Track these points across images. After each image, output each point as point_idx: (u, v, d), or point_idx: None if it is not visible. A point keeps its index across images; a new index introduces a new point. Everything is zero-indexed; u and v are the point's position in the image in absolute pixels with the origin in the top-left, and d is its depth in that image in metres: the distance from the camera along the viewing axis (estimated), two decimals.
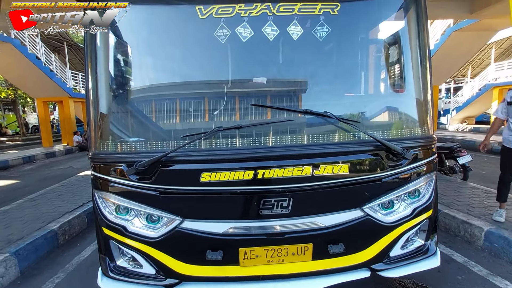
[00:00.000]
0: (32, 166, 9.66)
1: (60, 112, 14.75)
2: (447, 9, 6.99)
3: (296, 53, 1.79)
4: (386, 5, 1.87)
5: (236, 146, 1.63)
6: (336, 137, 1.67)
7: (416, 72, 1.82)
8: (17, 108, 20.11)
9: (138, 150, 1.65)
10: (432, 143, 1.80)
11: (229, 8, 1.62)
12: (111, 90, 1.73)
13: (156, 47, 1.84)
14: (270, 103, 1.83)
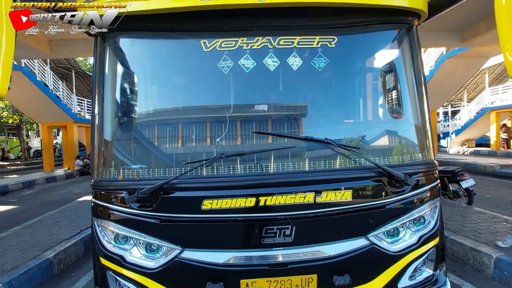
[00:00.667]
0: (32, 191, 9.58)
1: (64, 136, 14.93)
2: (439, 38, 7.32)
3: (296, 82, 1.87)
4: (381, 37, 1.98)
5: (238, 173, 1.64)
6: (338, 163, 1.68)
7: (413, 98, 1.87)
8: (21, 132, 20.36)
9: (140, 177, 1.66)
10: (433, 169, 1.81)
11: (232, 42, 1.72)
12: (117, 117, 1.78)
13: (162, 77, 1.93)
14: (271, 129, 1.87)
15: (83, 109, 16.40)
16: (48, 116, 13.05)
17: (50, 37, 7.05)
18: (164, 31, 1.74)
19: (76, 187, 10.12)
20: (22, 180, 10.52)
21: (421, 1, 1.75)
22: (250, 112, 1.88)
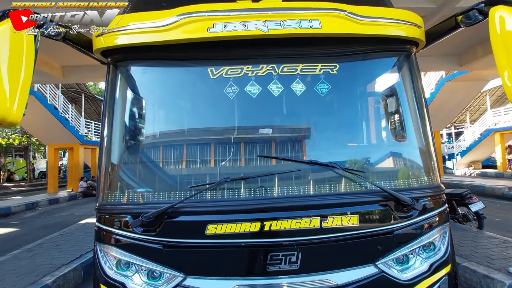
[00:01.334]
0: (34, 213, 9.52)
1: (70, 158, 15.10)
2: (438, 62, 7.51)
3: (299, 107, 1.92)
4: (381, 64, 2.05)
5: (243, 196, 1.63)
6: (343, 187, 1.68)
7: (416, 122, 1.90)
8: (28, 154, 20.64)
9: (145, 201, 1.66)
10: (440, 192, 1.79)
11: (238, 69, 1.79)
12: (125, 141, 1.82)
13: (169, 103, 2.00)
14: (275, 152, 1.89)
15: (90, 131, 16.72)
16: (56, 138, 13.32)
17: (63, 63, 7.39)
18: (173, 60, 1.83)
19: (78, 209, 10.05)
20: (25, 202, 10.51)
21: (418, 31, 1.83)
22: (255, 136, 1.91)
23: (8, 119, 1.33)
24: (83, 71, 7.59)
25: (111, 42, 1.69)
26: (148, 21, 1.66)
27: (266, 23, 1.64)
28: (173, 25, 1.63)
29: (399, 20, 1.78)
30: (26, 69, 1.37)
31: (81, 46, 1.76)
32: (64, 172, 21.53)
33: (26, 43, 1.37)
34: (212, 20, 1.63)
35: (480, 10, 1.65)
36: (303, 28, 1.64)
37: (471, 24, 1.73)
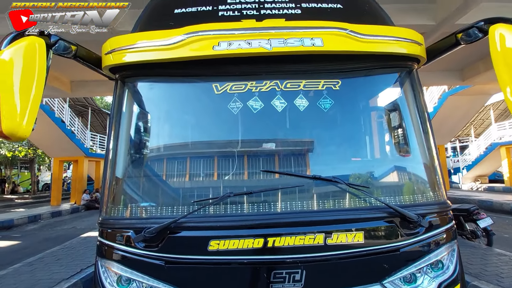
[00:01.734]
0: (36, 226, 9.49)
1: (74, 171, 15.19)
2: (440, 77, 7.57)
3: (303, 122, 1.93)
4: (383, 80, 2.07)
5: (246, 212, 1.62)
6: (347, 203, 1.66)
7: (419, 137, 1.89)
8: (34, 166, 20.81)
9: (148, 216, 1.66)
10: (447, 209, 1.76)
11: (242, 85, 1.83)
12: (130, 156, 1.84)
13: (174, 118, 2.03)
14: (278, 167, 1.89)
15: (95, 143, 16.91)
16: (62, 151, 13.48)
17: (72, 78, 7.59)
18: (179, 76, 1.88)
19: (81, 222, 10.00)
20: (28, 214, 10.50)
21: (419, 48, 1.87)
22: (259, 151, 1.92)
23: (17, 134, 1.36)
24: (91, 85, 7.79)
25: (120, 59, 1.74)
26: (156, 40, 1.72)
27: (270, 41, 1.69)
28: (180, 43, 1.68)
29: (399, 38, 1.82)
30: (37, 85, 1.41)
31: (90, 63, 1.81)
32: (68, 185, 21.60)
33: (39, 61, 1.42)
34: (218, 39, 1.68)
35: (479, 28, 1.68)
36: (305, 46, 1.68)
37: (471, 42, 1.75)
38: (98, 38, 4.67)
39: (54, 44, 1.56)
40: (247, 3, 2.09)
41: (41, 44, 1.43)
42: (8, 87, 1.34)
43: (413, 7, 4.77)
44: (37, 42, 1.43)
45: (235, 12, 2.03)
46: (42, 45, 1.44)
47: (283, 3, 2.10)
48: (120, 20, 4.75)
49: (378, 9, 2.29)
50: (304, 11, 2.05)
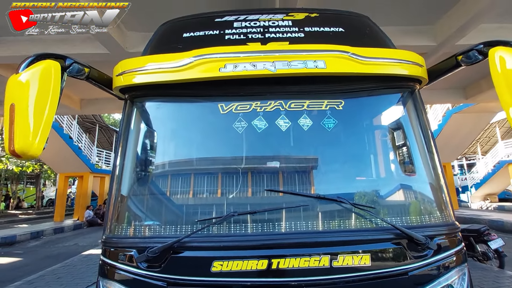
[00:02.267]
0: (38, 242, 9.42)
1: (79, 186, 15.25)
2: (443, 95, 7.61)
3: (307, 141, 1.95)
4: (386, 100, 2.10)
5: (250, 231, 1.61)
6: (353, 223, 1.64)
7: (424, 156, 1.89)
8: (39, 181, 20.97)
9: (152, 235, 1.65)
10: (455, 230, 1.72)
11: (247, 105, 1.87)
12: (136, 175, 1.86)
13: (181, 137, 2.07)
14: (283, 186, 1.89)
15: (101, 159, 17.07)
16: (68, 167, 13.62)
17: (82, 96, 7.82)
18: (186, 96, 1.93)
19: (82, 239, 9.91)
20: (31, 231, 10.46)
21: (420, 69, 1.91)
22: (263, 169, 1.93)
23: (29, 153, 1.40)
24: (100, 103, 8.01)
25: (130, 80, 1.81)
26: (165, 62, 1.80)
27: (274, 63, 1.75)
28: (188, 66, 1.75)
29: (401, 60, 1.86)
30: (50, 106, 1.47)
31: (101, 84, 1.88)
32: (72, 200, 21.61)
33: (54, 83, 1.48)
34: (224, 61, 1.75)
35: (479, 51, 1.72)
36: (309, 68, 1.73)
37: (472, 64, 1.79)
38: (110, 59, 4.88)
39: (68, 67, 1.63)
40: (252, 27, 2.19)
41: (56, 67, 1.51)
42: (23, 108, 1.39)
43: (413, 29, 4.90)
44: (53, 65, 1.50)
45: (241, 35, 2.12)
46: (57, 68, 1.51)
47: (287, 27, 2.19)
48: (132, 42, 4.95)
49: (378, 32, 2.36)
50: (307, 35, 2.13)
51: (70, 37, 4.78)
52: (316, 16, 2.35)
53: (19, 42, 4.85)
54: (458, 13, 4.39)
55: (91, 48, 4.74)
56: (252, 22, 2.24)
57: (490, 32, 4.86)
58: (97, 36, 4.25)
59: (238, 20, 2.27)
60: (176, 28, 2.34)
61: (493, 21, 4.75)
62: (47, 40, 4.81)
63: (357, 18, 2.51)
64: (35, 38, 4.83)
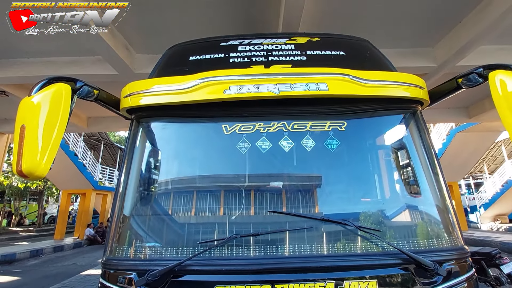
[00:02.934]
0: (37, 261, 9.26)
1: (81, 203, 15.19)
2: (446, 114, 7.62)
3: (310, 162, 1.95)
4: (388, 121, 2.11)
5: (252, 255, 1.57)
6: (359, 247, 1.60)
7: (429, 178, 1.86)
8: (42, 198, 20.94)
9: (152, 257, 1.62)
10: (465, 255, 1.66)
11: (250, 126, 1.90)
12: (140, 195, 1.86)
13: (185, 157, 2.09)
14: (286, 207, 1.87)
15: (105, 176, 17.10)
16: (72, 184, 13.64)
17: (89, 114, 8.00)
18: (191, 117, 1.97)
19: (82, 258, 9.72)
20: (30, 249, 10.32)
21: (421, 91, 1.93)
22: (266, 190, 1.92)
23: (36, 173, 1.42)
24: (106, 121, 8.17)
25: (137, 102, 1.86)
26: (171, 84, 1.86)
27: (277, 86, 1.79)
28: (193, 88, 1.80)
29: (401, 83, 1.90)
30: (59, 127, 1.50)
31: (109, 105, 1.94)
32: (73, 218, 21.43)
33: (63, 105, 1.53)
34: (229, 84, 1.80)
35: (479, 74, 1.75)
36: (311, 90, 1.77)
37: (472, 86, 1.81)
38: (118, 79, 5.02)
39: (79, 89, 1.68)
40: (256, 51, 2.27)
41: (67, 90, 1.56)
42: (33, 129, 1.43)
43: (413, 51, 5.01)
44: (64, 88, 1.55)
45: (245, 59, 2.19)
46: (68, 91, 1.56)
47: (290, 51, 2.26)
48: (139, 63, 5.12)
49: (379, 55, 2.43)
50: (309, 58, 2.19)
51: (80, 59, 4.98)
52: (318, 40, 2.43)
53: (32, 63, 5.05)
54: (458, 35, 4.49)
55: (100, 69, 4.91)
56: (256, 46, 2.32)
57: (490, 54, 4.95)
58: (107, 58, 4.42)
59: (242, 44, 2.35)
60: (183, 52, 2.43)
61: (493, 42, 4.85)
62: (58, 62, 5.01)
63: (358, 41, 2.59)
64: (47, 60, 5.04)
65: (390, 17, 4.26)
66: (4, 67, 5.05)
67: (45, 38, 4.43)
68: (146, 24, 4.28)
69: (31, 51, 4.86)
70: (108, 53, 4.22)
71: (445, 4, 4.01)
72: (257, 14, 4.13)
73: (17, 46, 4.73)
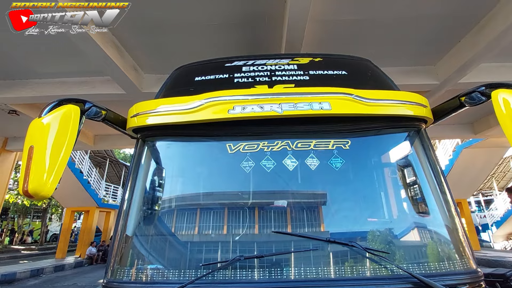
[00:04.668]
0: (37, 281, 9.08)
1: (84, 221, 15.09)
2: (451, 131, 7.57)
3: (314, 181, 1.94)
4: (392, 139, 2.10)
5: (256, 278, 1.53)
6: (367, 271, 1.54)
7: (437, 196, 1.82)
8: (46, 216, 20.88)
9: (154, 280, 1.59)
10: (479, 279, 1.59)
11: (254, 145, 1.91)
12: (143, 216, 1.85)
13: (190, 177, 2.09)
14: (291, 228, 1.83)
15: (109, 193, 17.09)
16: (76, 201, 13.63)
17: (95, 132, 8.14)
18: (196, 136, 1.99)
19: (82, 278, 9.51)
20: (31, 268, 10.16)
21: (424, 110, 1.94)
22: (271, 210, 1.89)
23: (41, 193, 1.42)
24: (112, 139, 8.30)
25: (143, 122, 1.90)
26: (177, 104, 1.90)
27: (281, 105, 1.82)
28: (198, 108, 1.84)
29: (404, 101, 1.91)
30: (66, 148, 1.53)
31: (116, 124, 1.98)
32: (75, 236, 21.21)
33: (72, 126, 1.56)
34: (233, 103, 1.83)
35: (482, 92, 1.75)
36: (314, 110, 1.79)
37: (476, 104, 1.81)
38: (125, 99, 5.14)
39: (87, 110, 1.73)
40: (259, 71, 2.32)
41: (76, 111, 1.60)
42: (41, 150, 1.45)
43: (415, 69, 5.07)
44: (73, 110, 1.59)
45: (249, 79, 2.24)
46: (77, 112, 1.61)
47: (293, 71, 2.31)
48: (147, 83, 5.26)
49: (380, 74, 2.46)
50: (312, 77, 2.23)
51: (90, 79, 5.15)
52: (320, 60, 2.49)
53: (43, 84, 5.23)
54: (457, 54, 4.56)
55: (109, 89, 5.05)
56: (260, 66, 2.38)
57: (491, 71, 4.98)
58: (116, 79, 4.56)
59: (246, 65, 2.41)
60: (189, 72, 2.50)
61: (493, 60, 4.90)
62: (68, 82, 5.18)
63: (359, 61, 2.64)
64: (58, 80, 5.22)
65: (390, 38, 4.37)
66: (17, 87, 5.23)
67: (57, 59, 4.64)
68: (154, 47, 4.44)
69: (42, 72, 5.05)
70: (117, 73, 4.37)
71: (443, 26, 4.11)
72: (260, 36, 4.27)
73: (30, 67, 4.92)
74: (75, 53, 4.21)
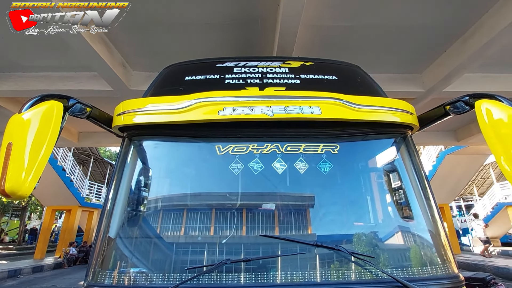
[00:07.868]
0: (15, 282, 8.70)
1: (65, 221, 14.61)
2: (435, 138, 7.81)
3: (303, 185, 1.94)
4: (379, 144, 2.15)
5: (242, 282, 1.51)
6: (352, 274, 1.55)
7: (421, 201, 1.86)
8: (25, 214, 20.07)
9: (137, 284, 1.54)
10: (460, 284, 1.63)
11: (243, 147, 1.90)
12: (128, 217, 1.80)
13: (177, 177, 2.05)
14: (279, 231, 1.83)
15: (92, 192, 16.59)
16: (57, 200, 13.17)
17: (80, 129, 7.90)
18: (184, 137, 1.96)
19: (62, 279, 9.19)
20: (8, 268, 9.73)
21: (411, 117, 1.99)
22: (258, 212, 1.88)
23: (19, 193, 1.35)
24: (97, 136, 8.07)
25: (130, 120, 1.85)
26: (165, 103, 1.86)
27: (271, 108, 1.81)
28: (187, 108, 1.81)
29: (392, 108, 1.95)
30: (47, 145, 1.45)
31: (102, 122, 1.91)
32: (56, 236, 20.47)
33: (54, 123, 1.49)
34: (223, 105, 1.81)
35: (466, 102, 1.81)
36: (304, 114, 1.80)
37: (460, 113, 1.87)
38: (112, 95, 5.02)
39: (71, 107, 1.66)
40: (251, 73, 2.31)
41: (59, 107, 1.53)
42: (20, 147, 1.38)
43: (402, 76, 5.21)
44: (56, 105, 1.52)
45: (240, 80, 2.23)
46: (60, 109, 1.54)
47: (284, 74, 2.31)
48: (135, 81, 5.16)
49: (370, 80, 2.51)
50: (303, 81, 2.24)
51: (76, 74, 4.99)
52: (311, 65, 2.51)
53: (26, 78, 5.03)
54: (443, 63, 4.72)
55: (95, 85, 4.91)
56: (251, 68, 2.37)
57: (474, 81, 5.18)
58: (103, 74, 4.44)
59: (238, 66, 2.40)
60: (179, 71, 2.46)
61: (477, 71, 5.10)
62: (53, 77, 5.00)
63: (349, 67, 2.68)
64: (42, 75, 5.03)
65: (379, 45, 4.48)
66: None
67: (42, 53, 4.48)
68: (144, 44, 4.36)
69: (27, 65, 4.86)
70: (104, 69, 4.25)
71: (430, 35, 4.25)
72: (253, 38, 4.27)
73: (13, 61, 4.73)
74: (61, 47, 4.07)
